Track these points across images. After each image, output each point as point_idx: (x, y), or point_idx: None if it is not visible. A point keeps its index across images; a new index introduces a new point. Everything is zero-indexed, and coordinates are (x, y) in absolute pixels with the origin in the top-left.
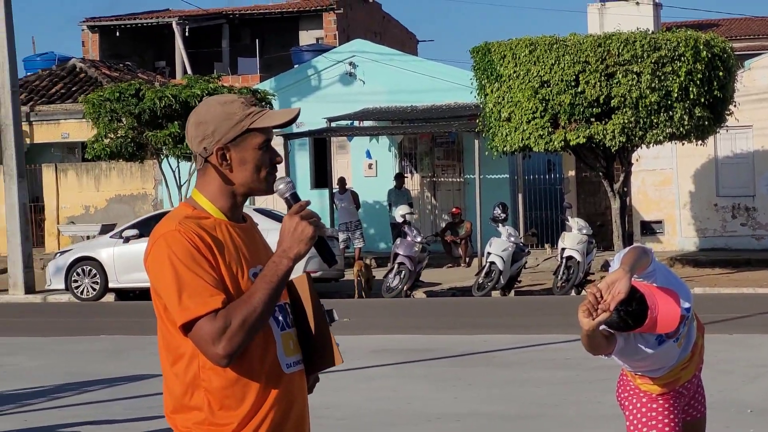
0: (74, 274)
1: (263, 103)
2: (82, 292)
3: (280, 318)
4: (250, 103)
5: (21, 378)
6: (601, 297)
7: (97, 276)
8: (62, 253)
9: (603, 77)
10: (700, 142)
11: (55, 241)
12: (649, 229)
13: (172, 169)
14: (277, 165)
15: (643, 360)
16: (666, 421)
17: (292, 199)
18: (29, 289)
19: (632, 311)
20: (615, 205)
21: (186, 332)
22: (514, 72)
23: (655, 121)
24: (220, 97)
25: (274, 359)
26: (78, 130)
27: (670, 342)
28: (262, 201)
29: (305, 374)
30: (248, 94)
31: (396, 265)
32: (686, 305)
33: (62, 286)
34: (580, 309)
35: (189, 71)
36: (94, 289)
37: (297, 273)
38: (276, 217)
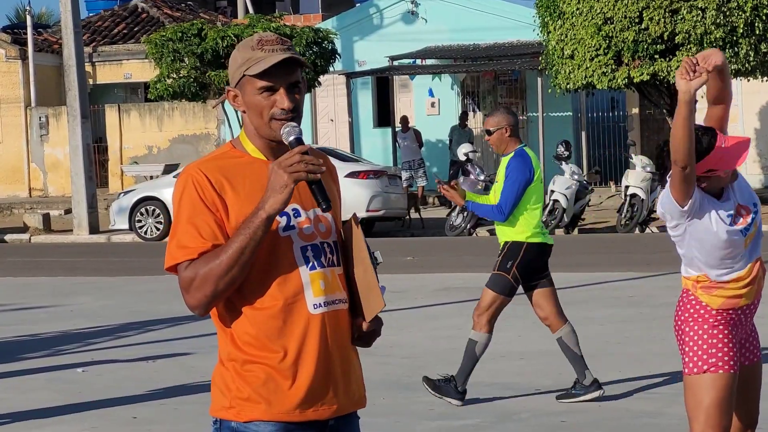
0: (138, 214)
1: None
2: (145, 232)
3: (311, 257)
4: (265, 44)
5: (86, 317)
6: (697, 63)
7: (161, 216)
8: (126, 193)
9: (667, 13)
10: (765, 78)
11: (118, 181)
12: None
13: (234, 108)
14: (287, 110)
15: (711, 239)
16: (725, 350)
17: (296, 143)
18: (93, 229)
19: (707, 132)
20: None
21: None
22: (577, 9)
23: None
24: (244, 40)
25: (299, 299)
26: (140, 70)
27: (739, 230)
28: (325, 141)
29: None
30: (274, 33)
31: None
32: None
33: (126, 226)
34: (677, 74)
35: (251, 10)
36: (158, 229)
37: (357, 209)
38: (341, 157)
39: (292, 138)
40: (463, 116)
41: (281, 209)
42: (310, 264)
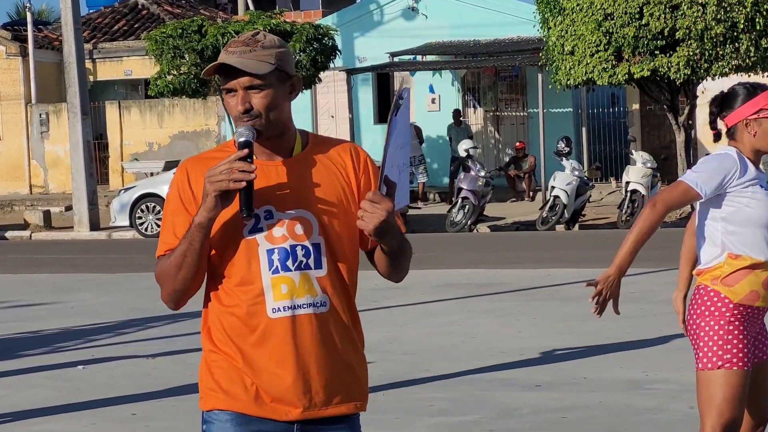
0: (138, 210)
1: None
2: (146, 229)
3: (276, 260)
4: (230, 47)
5: (86, 314)
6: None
7: (161, 213)
8: (126, 190)
9: (667, 9)
10: (766, 74)
11: (119, 178)
12: None
13: None
14: (240, 112)
15: (754, 194)
16: (740, 346)
17: (242, 146)
18: (94, 226)
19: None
20: (680, 138)
21: None
22: (577, 5)
23: (720, 53)
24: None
25: (260, 302)
26: (141, 67)
27: None
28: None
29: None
30: (249, 34)
31: (460, 200)
32: None
33: (126, 222)
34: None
35: (251, 7)
36: (158, 226)
37: None
38: None
39: (241, 139)
40: (456, 113)
41: (210, 217)
42: (273, 267)
